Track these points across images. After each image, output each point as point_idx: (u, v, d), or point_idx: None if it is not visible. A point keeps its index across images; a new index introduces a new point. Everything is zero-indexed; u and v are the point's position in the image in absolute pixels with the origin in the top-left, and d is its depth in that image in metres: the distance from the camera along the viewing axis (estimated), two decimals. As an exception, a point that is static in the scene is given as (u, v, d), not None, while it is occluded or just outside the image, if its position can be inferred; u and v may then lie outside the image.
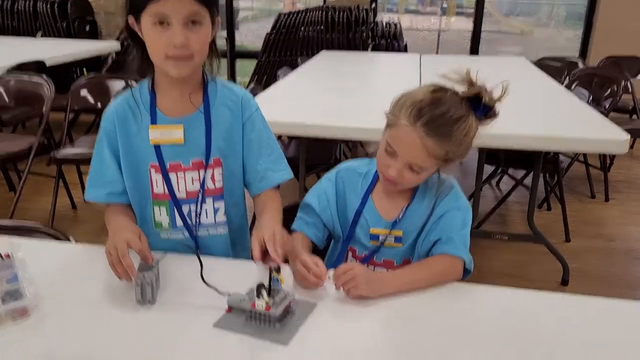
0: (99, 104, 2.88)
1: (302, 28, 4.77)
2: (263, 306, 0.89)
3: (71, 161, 2.70)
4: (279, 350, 0.86)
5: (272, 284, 0.91)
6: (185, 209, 1.18)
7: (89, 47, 4.08)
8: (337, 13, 4.70)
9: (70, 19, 4.99)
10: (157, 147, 1.14)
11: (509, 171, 3.26)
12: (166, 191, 1.16)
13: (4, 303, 0.90)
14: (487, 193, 3.35)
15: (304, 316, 0.93)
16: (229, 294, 0.94)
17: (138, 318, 0.93)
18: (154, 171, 1.15)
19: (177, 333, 0.89)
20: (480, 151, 2.40)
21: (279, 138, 2.44)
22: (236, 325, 0.90)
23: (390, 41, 4.80)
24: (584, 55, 4.88)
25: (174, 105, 1.15)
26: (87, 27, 5.14)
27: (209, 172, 1.16)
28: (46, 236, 1.25)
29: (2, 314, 0.89)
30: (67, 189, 2.96)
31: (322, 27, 4.74)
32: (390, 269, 1.17)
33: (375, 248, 1.17)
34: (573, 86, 3.15)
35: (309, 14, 4.78)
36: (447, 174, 1.18)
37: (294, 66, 3.49)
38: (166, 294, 0.99)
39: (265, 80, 4.68)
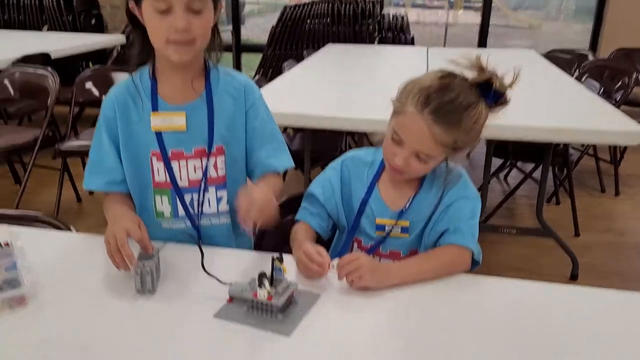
0: (104, 97, 2.85)
1: (308, 21, 4.74)
2: (265, 296, 0.87)
3: (76, 154, 2.69)
4: (281, 341, 0.83)
5: (275, 273, 0.88)
6: (187, 197, 1.15)
7: (94, 41, 4.07)
8: (344, 6, 4.66)
9: (76, 13, 4.99)
10: (158, 134, 1.12)
11: (518, 164, 3.23)
12: (168, 180, 1.14)
13: (1, 291, 0.89)
14: (495, 186, 3.31)
15: (307, 307, 0.91)
16: (230, 283, 0.92)
17: (137, 307, 0.91)
18: (155, 159, 1.13)
19: (177, 323, 0.88)
20: (489, 143, 2.37)
21: (284, 131, 2.42)
22: (237, 316, 0.88)
23: (397, 34, 4.76)
24: (594, 48, 4.81)
25: (175, 92, 1.12)
26: (92, 21, 5.13)
27: (212, 160, 1.14)
28: (47, 226, 1.23)
29: (-1, 302, 0.88)
30: (72, 182, 2.96)
31: (328, 19, 4.70)
32: (397, 260, 1.15)
33: (381, 239, 1.15)
34: (583, 78, 3.10)
35: (315, 6, 4.74)
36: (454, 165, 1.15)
37: (299, 59, 3.46)
38: (166, 284, 0.97)
39: (270, 73, 4.66)
